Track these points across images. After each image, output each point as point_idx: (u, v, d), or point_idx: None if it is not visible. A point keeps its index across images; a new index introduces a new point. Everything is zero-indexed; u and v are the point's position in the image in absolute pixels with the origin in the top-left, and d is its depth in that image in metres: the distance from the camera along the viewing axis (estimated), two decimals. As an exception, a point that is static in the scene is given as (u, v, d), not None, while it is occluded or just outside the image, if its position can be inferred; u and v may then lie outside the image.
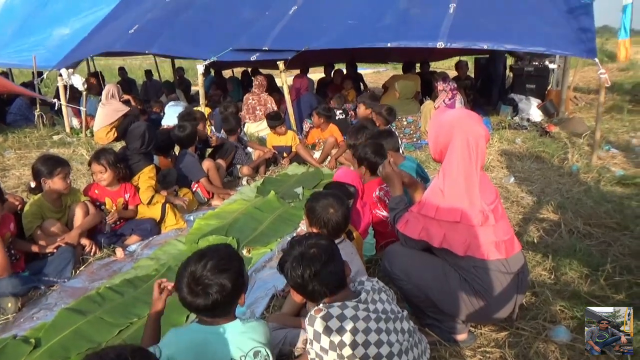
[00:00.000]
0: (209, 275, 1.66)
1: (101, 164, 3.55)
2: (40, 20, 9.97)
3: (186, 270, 1.70)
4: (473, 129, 2.10)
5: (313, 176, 5.23)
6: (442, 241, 2.07)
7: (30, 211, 3.20)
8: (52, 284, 2.98)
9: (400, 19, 6.63)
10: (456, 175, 2.08)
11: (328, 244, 1.83)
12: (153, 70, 12.87)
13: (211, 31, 7.91)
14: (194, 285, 1.66)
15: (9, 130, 7.84)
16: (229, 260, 1.74)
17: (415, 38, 6.30)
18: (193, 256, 1.75)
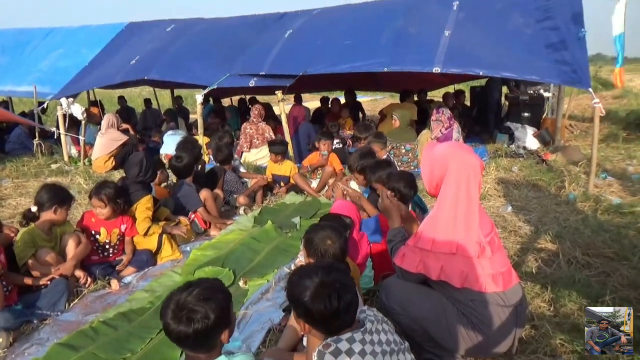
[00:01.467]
0: (193, 302, 1.64)
1: (101, 199, 3.54)
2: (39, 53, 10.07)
3: (172, 299, 1.69)
4: (467, 160, 2.12)
5: (310, 206, 5.22)
6: (439, 274, 2.07)
7: (22, 240, 3.16)
8: (45, 317, 2.94)
9: (397, 38, 6.77)
10: (452, 206, 2.09)
11: (347, 273, 1.78)
12: (152, 99, 13.01)
13: (209, 57, 8.03)
14: (178, 310, 1.64)
15: (7, 159, 7.84)
16: (214, 291, 1.72)
17: (412, 62, 6.41)
18: (181, 286, 1.74)
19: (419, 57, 6.37)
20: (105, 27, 10.29)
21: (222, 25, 9.24)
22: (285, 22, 8.41)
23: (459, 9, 6.91)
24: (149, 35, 9.33)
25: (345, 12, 8.34)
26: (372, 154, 4.37)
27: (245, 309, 3.00)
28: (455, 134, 6.78)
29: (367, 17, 7.79)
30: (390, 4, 7.99)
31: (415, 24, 6.98)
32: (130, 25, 10.12)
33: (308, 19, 8.34)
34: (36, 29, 11.21)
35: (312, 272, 1.71)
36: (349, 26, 7.65)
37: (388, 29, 7.07)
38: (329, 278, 1.67)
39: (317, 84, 10.21)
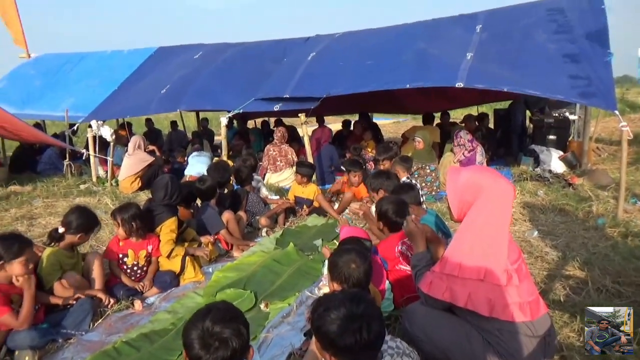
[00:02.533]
0: (221, 326, 1.61)
1: (116, 220, 3.66)
2: (73, 77, 10.49)
3: (195, 329, 1.62)
4: (500, 185, 2.10)
5: (332, 228, 5.21)
6: (467, 301, 2.02)
7: (49, 262, 3.24)
8: (70, 336, 2.98)
9: (419, 58, 6.81)
10: (481, 232, 2.06)
11: (374, 302, 1.73)
12: (178, 121, 13.31)
13: (234, 83, 8.24)
14: (209, 339, 1.59)
15: (38, 179, 8.10)
16: (232, 310, 1.72)
17: (434, 79, 6.41)
18: (198, 313, 1.69)
19: (441, 74, 6.39)
20: (136, 52, 10.65)
21: (247, 50, 9.45)
22: (309, 45, 8.57)
23: (482, 30, 6.93)
24: (177, 61, 9.62)
25: (367, 35, 8.48)
26: (389, 174, 4.37)
27: (266, 332, 2.99)
28: (479, 156, 6.72)
29: (389, 39, 7.89)
30: (412, 27, 8.08)
31: (437, 46, 7.02)
32: (160, 49, 10.46)
33: (330, 41, 8.48)
34: (70, 53, 11.67)
35: (339, 303, 1.64)
36: (371, 48, 7.74)
37: (410, 50, 7.14)
38: (357, 309, 1.61)
39: (340, 106, 10.29)
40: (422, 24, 8.06)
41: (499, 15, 7.39)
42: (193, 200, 4.81)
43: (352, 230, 3.31)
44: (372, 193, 4.29)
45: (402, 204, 3.31)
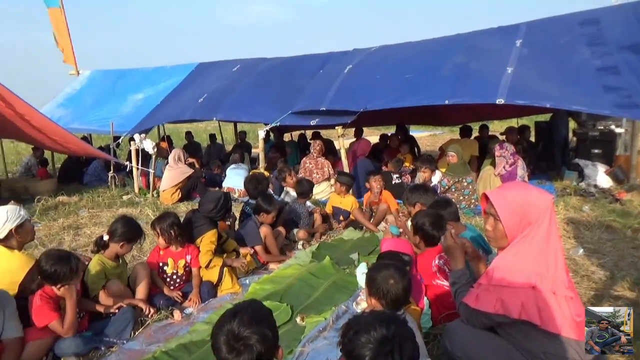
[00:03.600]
0: (247, 329, 1.61)
1: (155, 229, 3.78)
2: (118, 92, 10.96)
3: (222, 330, 1.63)
4: (546, 198, 2.05)
5: (369, 242, 5.17)
6: (520, 311, 1.94)
7: (95, 271, 3.35)
8: (112, 345, 3.06)
9: (458, 72, 6.72)
10: (532, 241, 1.99)
11: (406, 323, 1.66)
12: (217, 134, 13.60)
13: (271, 96, 8.36)
14: (234, 341, 1.60)
15: (84, 190, 8.43)
16: (262, 311, 1.71)
17: (474, 94, 6.31)
18: (225, 315, 1.69)
19: (481, 90, 6.29)
20: (178, 68, 11.01)
21: (284, 64, 9.59)
22: (346, 58, 8.61)
23: (522, 45, 6.79)
24: (216, 74, 9.87)
25: (404, 48, 8.43)
26: (426, 188, 4.31)
27: (302, 346, 2.98)
28: (520, 170, 6.55)
29: (427, 52, 7.83)
30: (450, 40, 8.00)
31: (477, 59, 6.92)
32: (200, 65, 10.77)
33: (367, 54, 8.49)
34: (116, 70, 12.18)
35: (369, 325, 1.59)
36: (409, 61, 7.70)
37: (448, 64, 7.06)
38: (388, 332, 1.56)
39: (376, 119, 10.26)
40: (460, 37, 7.97)
41: (538, 28, 7.21)
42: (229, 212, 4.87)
43: (395, 243, 3.25)
44: (409, 207, 4.24)
45: (439, 217, 3.25)
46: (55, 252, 2.94)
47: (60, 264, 2.81)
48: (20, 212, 3.25)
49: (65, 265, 2.81)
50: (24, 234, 3.22)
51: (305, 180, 5.84)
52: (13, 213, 3.18)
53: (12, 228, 3.14)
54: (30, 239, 3.37)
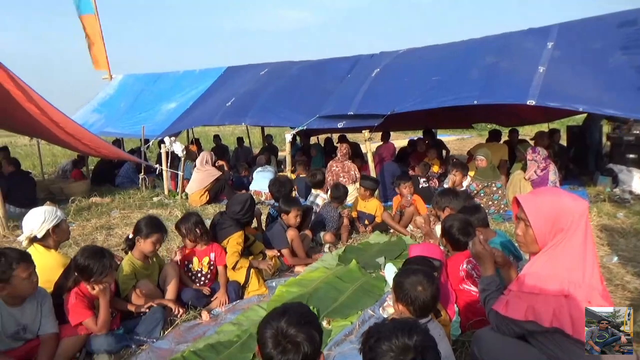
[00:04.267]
0: (295, 329, 1.61)
1: (181, 230, 3.87)
2: (149, 96, 11.21)
3: (270, 325, 1.64)
4: (580, 204, 2.00)
5: (396, 246, 5.14)
6: (552, 320, 1.90)
7: (125, 272, 3.45)
8: (143, 343, 3.12)
9: (488, 73, 6.61)
10: (565, 248, 1.95)
11: (428, 332, 1.65)
12: (244, 137, 13.76)
13: (298, 99, 8.40)
14: (281, 338, 1.60)
15: (116, 191, 8.66)
16: (310, 314, 1.72)
17: (504, 96, 6.20)
18: (274, 312, 1.70)
19: (511, 90, 6.17)
20: (207, 72, 11.19)
21: (311, 67, 9.63)
22: (373, 62, 8.59)
23: (554, 48, 6.64)
24: (244, 78, 9.98)
25: (433, 50, 8.37)
26: (456, 193, 4.26)
27: (328, 349, 2.98)
28: (552, 175, 6.40)
29: (456, 54, 7.74)
30: (479, 42, 7.89)
31: (507, 60, 6.80)
32: (229, 69, 10.92)
33: (395, 57, 8.45)
34: (147, 74, 12.47)
35: (390, 333, 1.58)
36: (437, 63, 7.62)
37: (478, 65, 6.97)
38: (410, 340, 1.54)
39: (404, 123, 10.21)
40: (490, 38, 7.85)
41: (570, 30, 7.03)
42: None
43: (424, 247, 3.22)
44: (438, 211, 4.20)
45: (467, 222, 3.20)
46: (90, 247, 3.04)
47: (94, 258, 2.89)
48: (57, 212, 3.37)
49: (99, 260, 2.90)
50: (60, 233, 3.34)
51: (341, 185, 5.85)
52: (50, 214, 3.30)
53: (49, 228, 3.26)
54: (65, 238, 3.49)
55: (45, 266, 3.11)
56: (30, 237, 3.29)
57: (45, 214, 3.30)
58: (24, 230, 3.34)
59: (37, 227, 3.27)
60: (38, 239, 3.28)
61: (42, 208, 3.40)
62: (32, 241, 3.30)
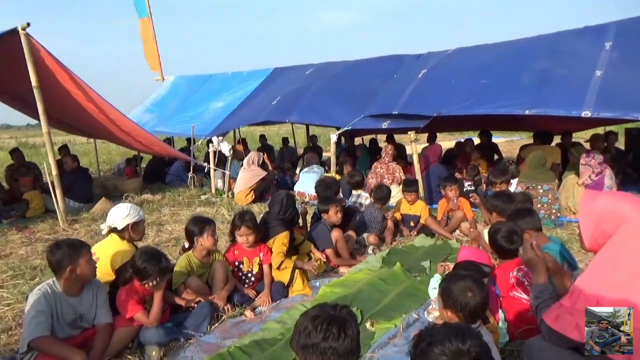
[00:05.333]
0: (343, 315, 1.66)
1: (248, 225, 3.85)
2: (198, 97, 11.54)
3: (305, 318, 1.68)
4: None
5: (441, 249, 5.05)
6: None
7: (179, 266, 3.59)
8: (190, 337, 3.22)
9: (540, 78, 6.37)
10: (624, 267, 1.86)
11: (481, 337, 1.58)
12: (289, 137, 13.91)
13: (343, 98, 8.39)
14: (329, 325, 1.62)
15: (167, 189, 8.96)
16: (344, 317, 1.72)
17: (557, 105, 5.94)
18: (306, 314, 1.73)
19: (565, 98, 5.90)
20: (254, 73, 11.40)
21: (357, 67, 9.59)
22: (420, 62, 8.47)
23: (612, 49, 6.31)
24: (290, 78, 10.09)
25: (482, 51, 8.12)
26: (511, 197, 4.13)
27: (371, 352, 2.97)
28: (608, 180, 6.09)
29: (507, 55, 7.50)
30: (531, 43, 7.58)
31: (561, 63, 6.51)
32: (275, 70, 11.07)
33: (443, 58, 8.29)
34: (196, 76, 12.84)
35: (443, 337, 1.53)
36: (487, 65, 7.40)
37: (530, 68, 6.71)
38: (464, 345, 1.49)
39: (451, 123, 9.99)
40: (542, 39, 7.52)
41: (630, 28, 6.63)
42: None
43: (473, 253, 3.13)
44: (487, 214, 4.09)
45: (512, 229, 3.10)
46: (150, 250, 3.18)
47: (151, 262, 3.03)
48: (139, 212, 3.58)
49: (155, 265, 3.03)
50: (137, 231, 3.56)
51: (384, 186, 5.82)
52: (134, 210, 3.53)
53: (129, 223, 3.46)
54: (139, 237, 3.66)
55: (117, 255, 3.32)
56: (110, 227, 3.49)
57: (130, 210, 3.52)
58: (107, 220, 3.55)
59: (119, 220, 3.48)
60: (117, 230, 3.48)
61: (128, 204, 3.63)
62: (112, 231, 3.50)
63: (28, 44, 6.11)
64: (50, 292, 2.76)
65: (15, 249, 5.54)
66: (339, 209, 4.74)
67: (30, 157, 13.03)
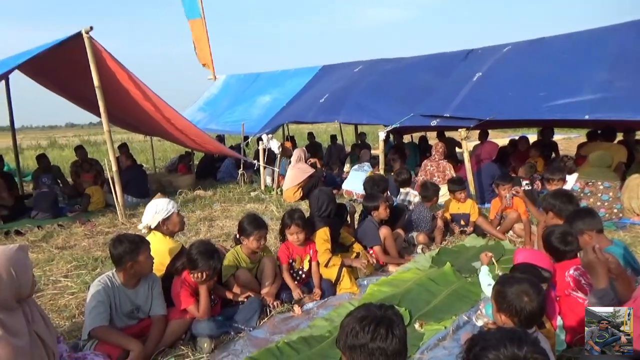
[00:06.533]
0: (389, 315, 1.64)
1: (297, 224, 3.89)
2: (248, 94, 11.78)
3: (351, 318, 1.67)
4: None
5: (493, 250, 4.86)
6: None
7: (227, 259, 3.68)
8: (240, 330, 3.29)
9: (602, 91, 5.99)
10: None
11: (539, 343, 1.52)
12: (337, 135, 13.90)
13: (391, 97, 8.29)
14: (375, 325, 1.60)
15: (218, 185, 9.21)
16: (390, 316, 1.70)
17: (620, 110, 5.62)
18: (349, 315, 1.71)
19: (630, 104, 5.56)
20: (302, 71, 11.48)
21: (405, 65, 9.42)
22: (473, 62, 8.17)
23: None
24: (338, 75, 10.09)
25: (542, 46, 7.68)
26: (570, 197, 3.93)
27: (420, 353, 2.92)
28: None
29: (569, 52, 7.10)
30: (591, 38, 7.15)
31: (625, 76, 6.05)
32: (324, 67, 11.10)
33: (497, 59, 7.90)
34: (246, 74, 13.09)
35: (498, 342, 1.47)
36: (545, 75, 6.93)
37: (590, 81, 6.28)
38: (520, 351, 1.43)
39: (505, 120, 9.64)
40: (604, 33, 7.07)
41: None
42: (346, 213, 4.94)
43: (532, 255, 2.99)
44: (543, 214, 3.92)
45: (567, 231, 2.95)
46: (205, 243, 3.29)
47: (204, 257, 3.14)
48: (168, 206, 3.67)
49: (207, 260, 3.13)
50: (170, 225, 3.65)
51: (429, 183, 5.71)
52: (162, 206, 3.64)
53: (160, 220, 3.57)
54: (178, 229, 3.77)
55: (159, 250, 3.44)
56: (146, 226, 3.65)
57: (157, 207, 3.63)
58: (142, 220, 3.70)
59: (150, 219, 3.62)
60: (153, 227, 3.62)
61: (156, 201, 3.75)
62: (150, 229, 3.64)
63: (91, 47, 6.43)
64: (110, 283, 2.91)
65: (79, 241, 5.87)
66: (387, 204, 4.71)
67: (92, 154, 13.72)
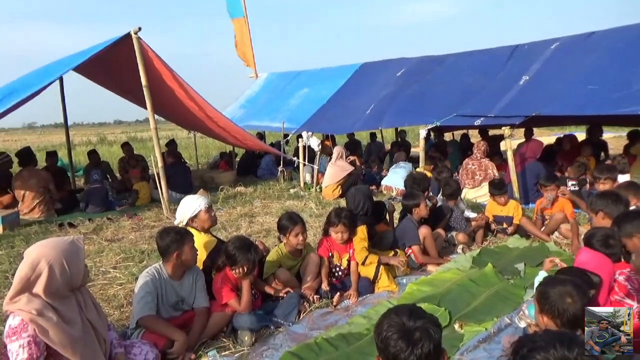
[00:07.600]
0: (415, 321, 1.58)
1: (344, 223, 3.92)
2: (288, 91, 11.91)
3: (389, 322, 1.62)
4: None
5: (537, 252, 4.77)
6: None
7: (271, 258, 3.78)
8: (280, 325, 3.35)
9: None
10: None
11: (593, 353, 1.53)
12: (376, 132, 13.82)
13: (436, 100, 8.18)
14: (409, 333, 1.55)
15: (258, 182, 9.36)
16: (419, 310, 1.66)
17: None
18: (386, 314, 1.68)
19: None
20: (342, 68, 11.49)
21: (449, 66, 9.21)
22: (519, 60, 7.92)
23: None
24: (381, 80, 9.99)
25: (592, 41, 7.36)
26: (618, 198, 3.76)
27: (460, 354, 2.90)
28: None
29: (620, 46, 6.78)
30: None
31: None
32: (364, 65, 11.06)
33: (545, 59, 7.60)
34: (287, 72, 13.24)
35: (546, 344, 1.44)
36: (597, 72, 6.65)
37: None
38: (570, 354, 1.40)
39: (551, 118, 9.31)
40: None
41: None
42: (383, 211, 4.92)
43: (594, 258, 2.86)
44: (591, 214, 3.77)
45: (608, 234, 2.83)
46: (242, 239, 3.38)
47: (241, 251, 3.22)
48: (195, 204, 3.72)
49: (244, 254, 3.21)
50: (199, 222, 3.73)
51: (452, 180, 5.60)
52: (189, 205, 3.72)
53: (187, 218, 3.70)
54: (208, 225, 3.79)
55: (198, 246, 3.52)
56: (179, 224, 3.74)
57: (184, 207, 3.73)
58: (176, 217, 3.84)
59: (180, 217, 3.75)
60: (184, 224, 3.72)
61: (184, 200, 3.81)
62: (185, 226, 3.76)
63: (139, 47, 6.67)
64: (157, 275, 3.03)
65: (126, 234, 6.12)
66: (424, 205, 4.67)
67: (139, 150, 14.21)
